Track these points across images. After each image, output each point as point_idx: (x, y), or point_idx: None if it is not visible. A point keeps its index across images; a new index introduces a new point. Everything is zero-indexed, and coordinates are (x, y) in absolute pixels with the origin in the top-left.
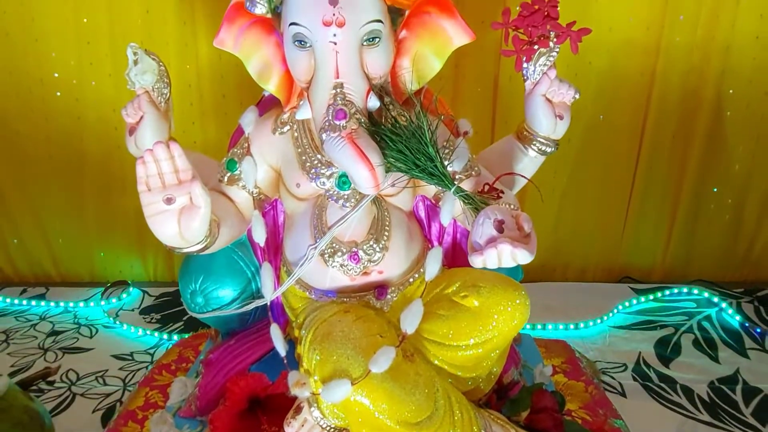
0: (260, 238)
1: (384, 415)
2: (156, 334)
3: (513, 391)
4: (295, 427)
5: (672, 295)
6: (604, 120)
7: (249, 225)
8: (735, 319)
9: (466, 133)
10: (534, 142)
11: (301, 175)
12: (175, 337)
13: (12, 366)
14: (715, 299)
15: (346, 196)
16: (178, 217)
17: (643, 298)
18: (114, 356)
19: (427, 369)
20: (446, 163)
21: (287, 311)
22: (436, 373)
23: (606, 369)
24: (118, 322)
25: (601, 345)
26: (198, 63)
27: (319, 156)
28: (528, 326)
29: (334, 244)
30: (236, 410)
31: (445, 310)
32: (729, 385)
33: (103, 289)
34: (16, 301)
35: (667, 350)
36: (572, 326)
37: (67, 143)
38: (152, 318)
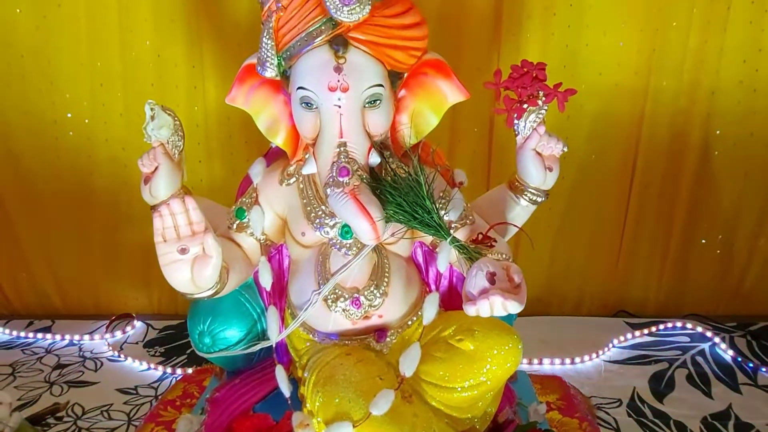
0: (267, 283)
1: None
2: (160, 368)
3: (507, 429)
4: None
5: (666, 329)
6: (596, 160)
7: (255, 268)
8: (728, 354)
9: (461, 183)
10: (525, 192)
11: (306, 224)
12: (179, 371)
13: (19, 399)
14: (709, 334)
15: (348, 245)
16: (191, 266)
17: (637, 333)
18: (118, 390)
19: (424, 410)
20: (442, 213)
21: (291, 352)
22: (433, 414)
23: (601, 404)
24: (122, 355)
25: (597, 380)
26: (205, 104)
27: (323, 207)
28: (524, 361)
29: (337, 290)
30: None
31: (441, 352)
32: (722, 421)
33: (107, 321)
34: (23, 334)
35: (661, 385)
36: (568, 361)
37: (78, 180)
38: (156, 351)
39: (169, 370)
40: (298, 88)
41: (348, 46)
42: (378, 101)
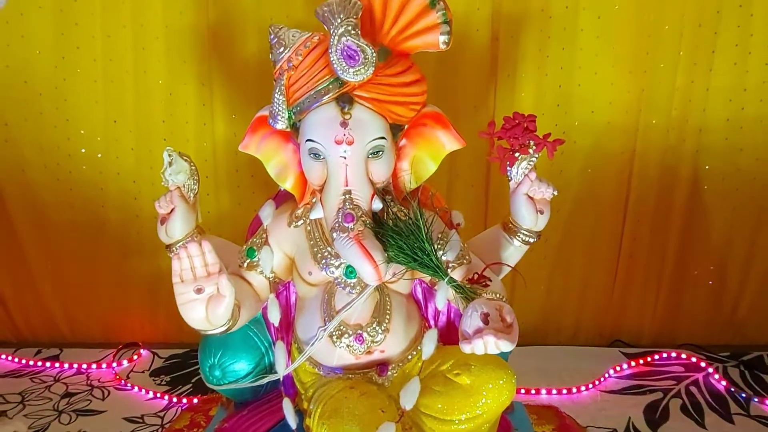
0: (275, 319)
1: None
2: (165, 396)
3: None
4: None
5: (661, 359)
6: (590, 193)
7: (264, 304)
8: (721, 384)
9: (459, 225)
10: (518, 234)
11: (313, 264)
12: (184, 400)
13: (29, 428)
14: (703, 363)
15: (352, 284)
16: (206, 305)
17: (633, 362)
18: (126, 419)
19: None
20: (440, 253)
21: (297, 385)
22: None
23: None
24: (129, 384)
25: (593, 410)
26: (214, 140)
27: (329, 248)
28: (522, 391)
29: (342, 327)
30: None
31: (440, 386)
32: None
33: (114, 350)
34: (31, 362)
35: (656, 415)
36: (565, 391)
37: (89, 211)
38: (162, 380)
39: (175, 399)
40: (307, 140)
41: (353, 103)
42: (380, 152)
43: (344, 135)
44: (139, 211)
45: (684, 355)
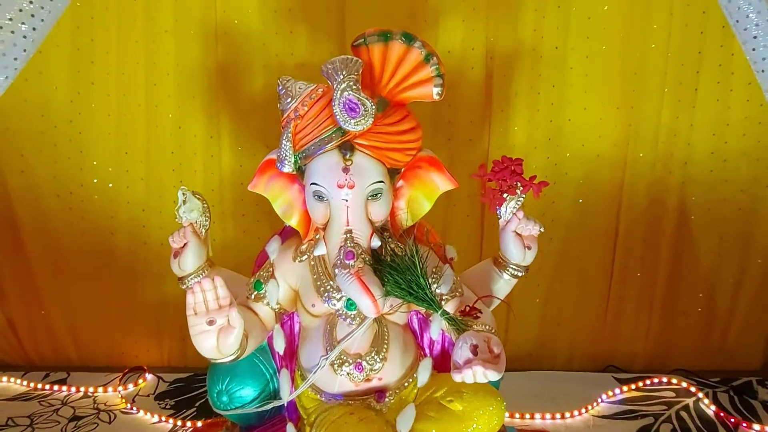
0: (280, 347)
1: None
2: (170, 420)
3: None
4: None
5: (652, 384)
6: (582, 223)
7: (269, 333)
8: (710, 410)
9: (452, 259)
10: (508, 268)
11: (316, 297)
12: (189, 424)
13: None
14: (693, 389)
15: (352, 315)
16: (217, 335)
17: (625, 388)
18: None
19: None
20: (435, 287)
21: (300, 410)
22: None
23: None
24: (134, 408)
25: None
26: (221, 171)
27: (331, 282)
28: (517, 415)
29: (342, 356)
30: None
31: (434, 412)
32: None
33: (120, 374)
34: (39, 385)
35: None
36: (558, 415)
37: (99, 238)
38: (167, 404)
39: (180, 422)
40: (312, 183)
41: (354, 151)
42: (379, 194)
43: (346, 180)
44: (147, 238)
45: (675, 381)
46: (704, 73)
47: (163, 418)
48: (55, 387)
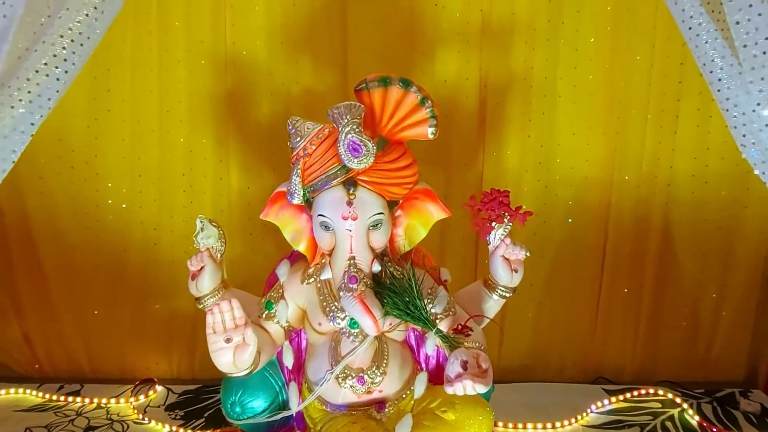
0: (289, 362)
1: None
2: (181, 430)
3: None
4: None
5: (640, 395)
6: (571, 241)
7: (279, 348)
8: (694, 420)
9: (446, 281)
10: (497, 289)
11: (322, 316)
12: None
13: None
14: (678, 400)
15: (355, 333)
16: (233, 352)
17: (614, 399)
18: None
19: None
20: (430, 306)
21: (307, 420)
22: None
23: None
24: (146, 418)
25: None
26: (229, 193)
27: (336, 303)
28: (510, 425)
29: (346, 370)
30: None
31: (429, 421)
32: None
33: (132, 386)
34: (54, 397)
35: None
36: (549, 425)
37: (113, 256)
38: (176, 414)
39: None
40: (319, 215)
41: (357, 186)
42: (379, 224)
43: (350, 212)
44: (158, 256)
45: (661, 392)
46: (684, 100)
47: (173, 428)
48: (70, 398)
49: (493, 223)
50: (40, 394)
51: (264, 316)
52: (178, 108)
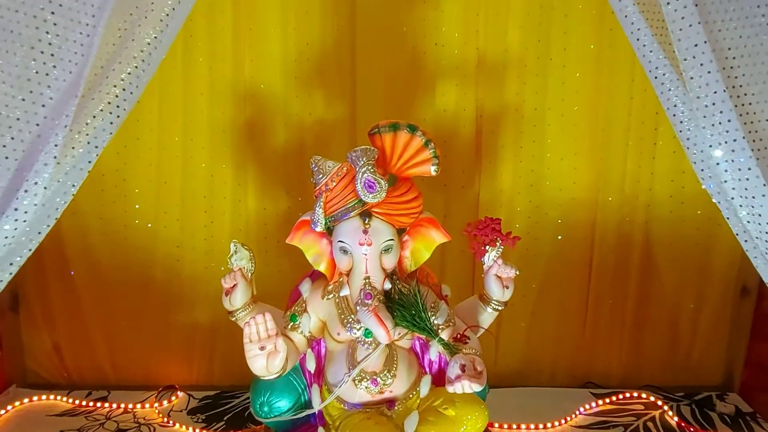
0: (312, 367)
1: None
2: (204, 431)
3: None
4: None
5: (624, 399)
6: (560, 257)
7: (302, 355)
8: (673, 421)
9: (446, 296)
10: (491, 303)
11: (341, 327)
12: None
13: None
14: (659, 402)
15: (369, 342)
16: (266, 358)
17: (600, 401)
18: None
19: None
20: (433, 318)
21: (326, 417)
22: None
23: None
24: (170, 421)
25: None
26: (247, 213)
27: (352, 316)
28: (505, 426)
29: (361, 373)
30: None
31: (432, 417)
32: None
33: (155, 392)
34: (83, 402)
35: None
36: (541, 426)
37: (139, 271)
38: (198, 418)
39: None
40: (339, 241)
41: (372, 217)
42: (390, 249)
43: (365, 239)
44: (181, 271)
45: (644, 395)
46: (661, 129)
47: (197, 430)
48: (98, 404)
49: (487, 247)
50: (70, 400)
51: (289, 327)
52: (200, 136)
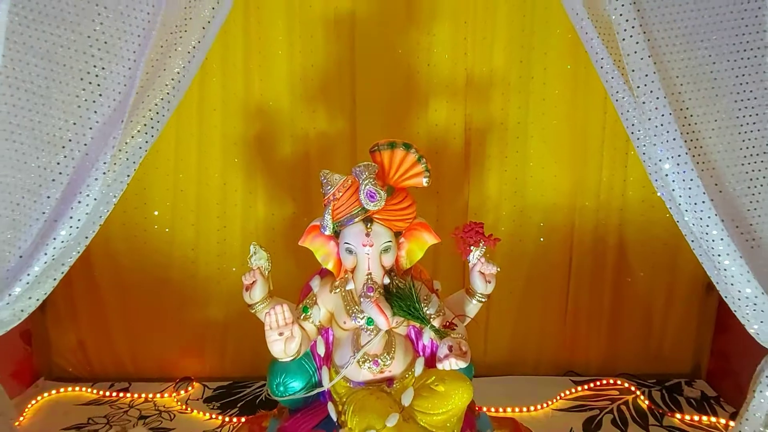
0: (322, 351)
1: None
2: (220, 417)
3: None
4: None
5: (602, 385)
6: (543, 257)
7: (313, 342)
8: (644, 404)
9: (437, 290)
10: (475, 296)
11: (346, 317)
12: (235, 420)
13: None
14: (633, 388)
15: (371, 329)
16: (284, 343)
17: (579, 388)
18: None
19: (416, 428)
20: (426, 309)
21: (334, 395)
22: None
23: None
24: (188, 408)
25: (544, 422)
26: (256, 219)
27: (356, 307)
28: (492, 410)
29: (364, 356)
30: None
31: (426, 393)
32: None
33: (173, 383)
34: (107, 393)
35: (591, 426)
36: (525, 409)
37: (157, 272)
38: (214, 405)
39: (227, 419)
40: (345, 242)
41: (373, 222)
42: (389, 249)
43: (368, 241)
44: (195, 272)
45: (620, 382)
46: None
47: (213, 416)
48: (121, 394)
49: (472, 247)
50: (94, 391)
51: (302, 317)
52: (213, 149)
